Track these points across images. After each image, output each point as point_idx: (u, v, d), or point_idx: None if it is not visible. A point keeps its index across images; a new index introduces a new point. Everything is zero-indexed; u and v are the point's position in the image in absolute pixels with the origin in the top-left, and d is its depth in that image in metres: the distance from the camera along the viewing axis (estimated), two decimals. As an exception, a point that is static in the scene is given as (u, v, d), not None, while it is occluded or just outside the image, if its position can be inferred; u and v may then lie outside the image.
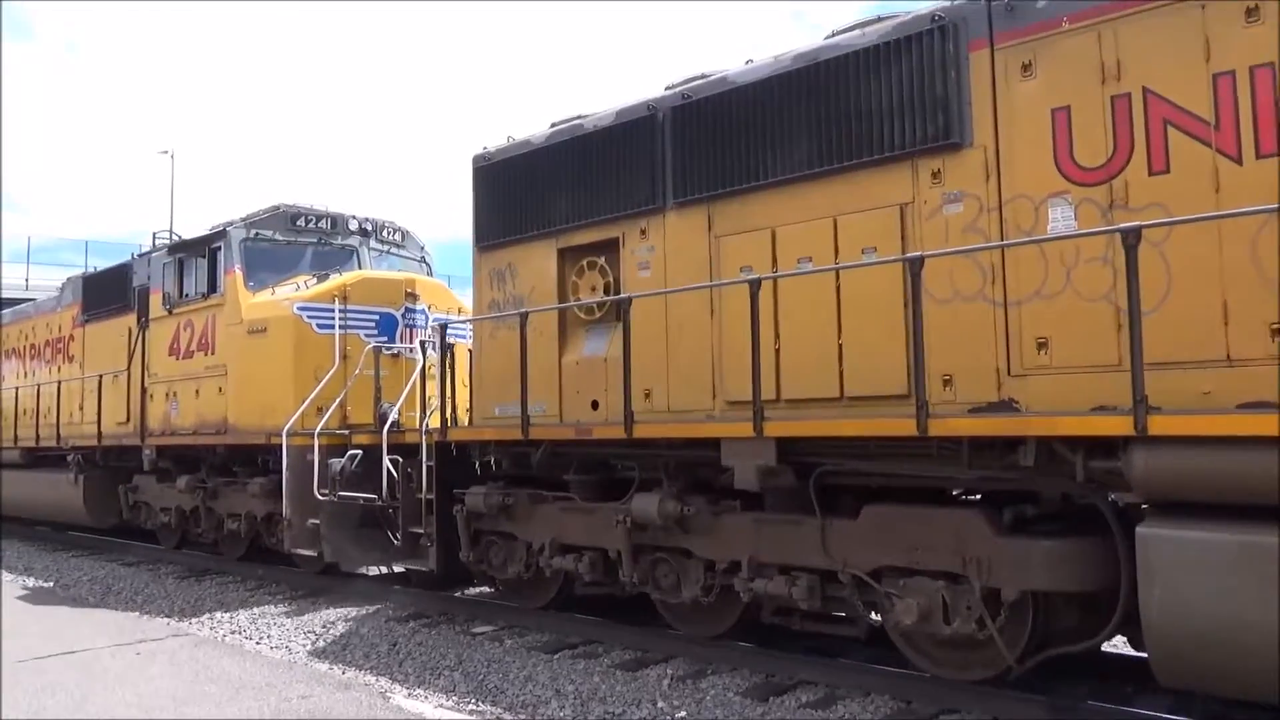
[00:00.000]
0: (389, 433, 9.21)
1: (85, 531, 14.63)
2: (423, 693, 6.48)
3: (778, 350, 6.30)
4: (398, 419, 9.55)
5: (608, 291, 7.65)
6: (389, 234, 12.08)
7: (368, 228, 11.83)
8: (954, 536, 5.44)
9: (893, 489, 6.00)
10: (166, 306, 11.99)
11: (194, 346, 11.52)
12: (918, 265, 5.30)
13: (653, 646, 7.09)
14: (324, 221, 11.56)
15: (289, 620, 8.88)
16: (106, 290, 13.97)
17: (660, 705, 5.93)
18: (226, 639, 8.31)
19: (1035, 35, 5.44)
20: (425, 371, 9.37)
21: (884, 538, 5.74)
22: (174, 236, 13.45)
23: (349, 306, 10.40)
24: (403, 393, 9.57)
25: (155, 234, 13.54)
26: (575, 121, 8.02)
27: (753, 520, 6.40)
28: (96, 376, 13.49)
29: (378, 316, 10.57)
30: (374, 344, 10.10)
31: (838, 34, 6.51)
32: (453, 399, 8.38)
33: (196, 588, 10.66)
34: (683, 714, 5.79)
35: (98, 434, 13.37)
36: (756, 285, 6.01)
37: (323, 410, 9.90)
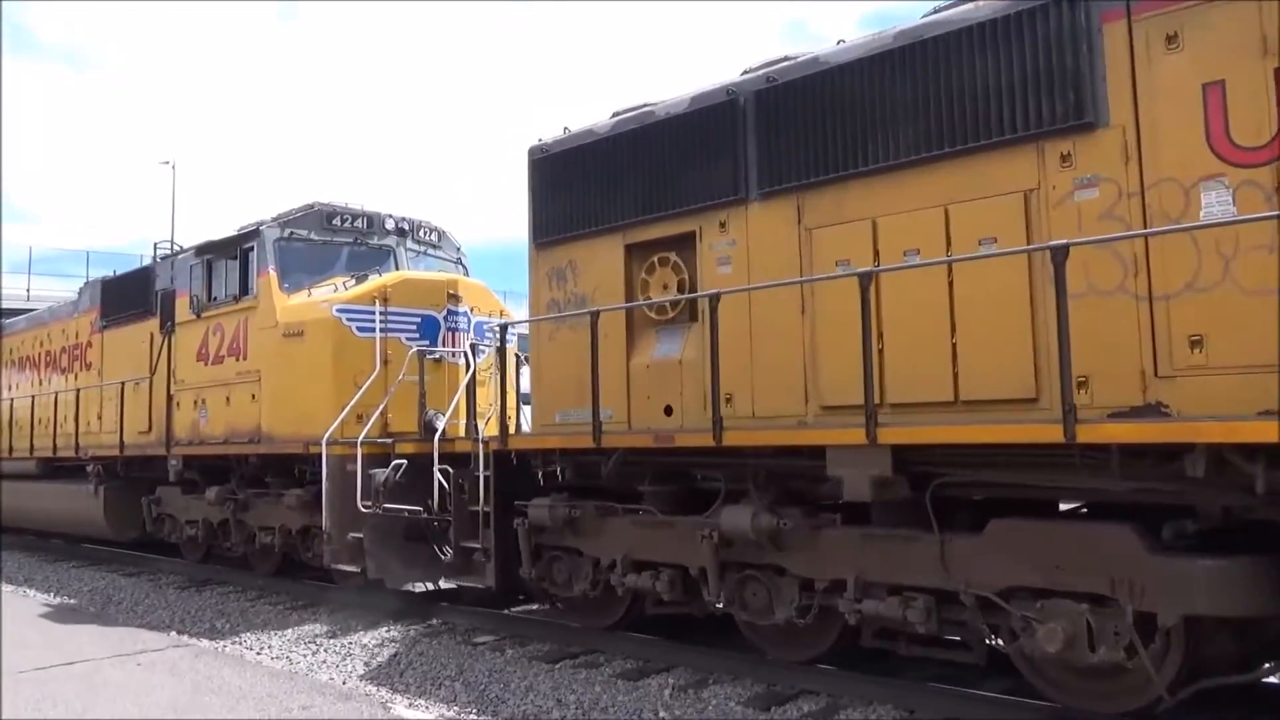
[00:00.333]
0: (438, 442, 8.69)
1: (105, 545, 14.08)
2: (424, 703, 6.44)
3: (880, 351, 5.81)
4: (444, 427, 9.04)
5: (681, 289, 7.16)
6: (425, 234, 11.55)
7: (404, 227, 11.29)
8: (1100, 554, 4.91)
9: (1003, 501, 5.52)
10: (194, 310, 11.44)
11: (224, 351, 10.99)
12: (1062, 255, 4.78)
13: (654, 656, 7.03)
14: (360, 221, 11.03)
15: (290, 630, 8.80)
16: (127, 295, 13.46)
17: (662, 715, 5.91)
18: (227, 649, 8.19)
19: (1181, 5, 4.95)
20: (476, 376, 8.85)
21: (1014, 555, 5.21)
22: (175, 246, 13.24)
23: (390, 308, 9.91)
24: (453, 399, 9.03)
25: (157, 244, 13.62)
26: (644, 109, 7.53)
27: (859, 535, 5.88)
28: (117, 384, 12.95)
29: (419, 319, 10.06)
30: (417, 348, 9.57)
31: (942, 9, 6.04)
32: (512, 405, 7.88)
33: (197, 598, 10.51)
34: (684, 723, 5.67)
35: (119, 444, 12.82)
36: (868, 279, 5.51)
37: (363, 418, 9.39)
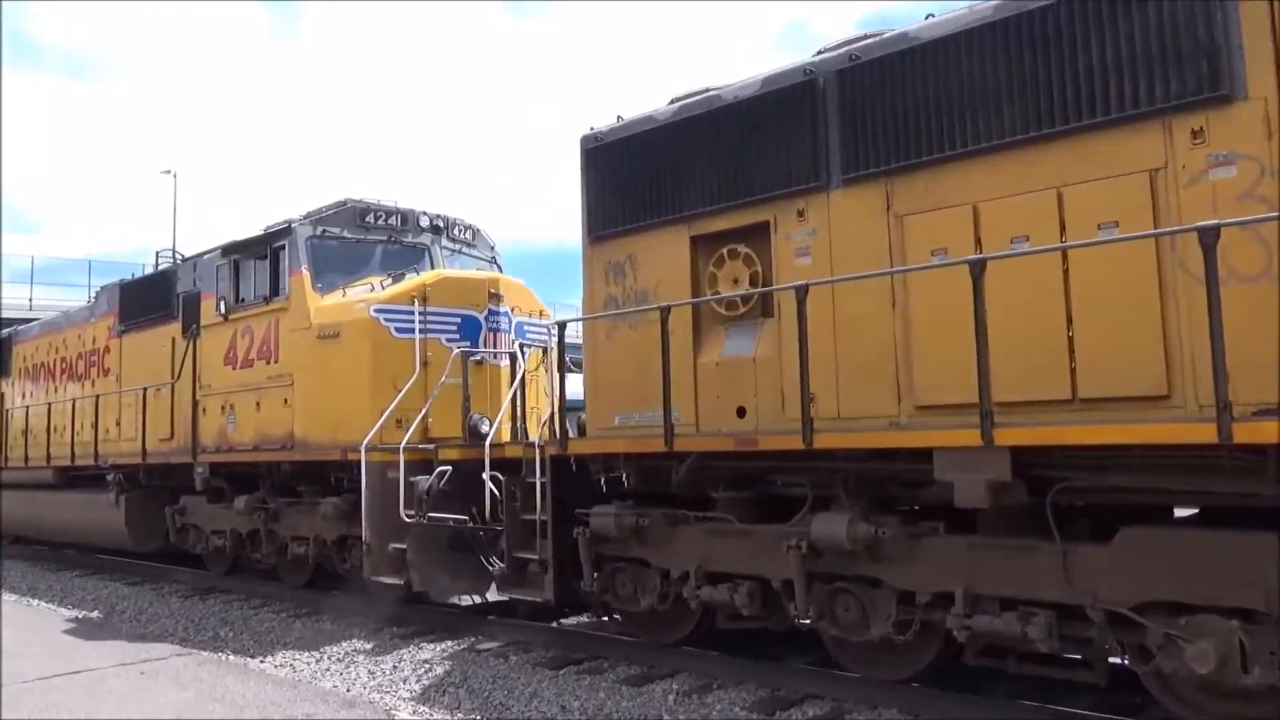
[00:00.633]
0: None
1: (126, 556, 13.64)
2: (427, 710, 6.37)
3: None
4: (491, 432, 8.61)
5: (754, 282, 6.73)
6: (459, 231, 11.12)
7: (439, 224, 10.86)
8: (1250, 566, 4.48)
9: (1107, 507, 5.17)
10: (221, 312, 10.99)
11: (254, 355, 10.55)
12: (1211, 236, 4.36)
13: (657, 662, 7.03)
14: (394, 218, 10.60)
15: (293, 638, 8.73)
16: (146, 298, 13.03)
17: (666, 720, 5.86)
18: (230, 658, 8.07)
19: (1329, -32, 4.55)
20: (525, 379, 8.43)
21: (1148, 567, 4.78)
22: (177, 255, 12.94)
23: (429, 308, 9.48)
24: (504, 402, 8.59)
25: (159, 253, 13.52)
26: (709, 93, 7.10)
27: (965, 545, 5.44)
28: (138, 390, 12.52)
29: (459, 319, 9.63)
30: (459, 349, 9.14)
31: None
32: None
33: (200, 606, 10.42)
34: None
35: (141, 451, 12.39)
36: (979, 267, 5.09)
37: (403, 423, 8.97)
